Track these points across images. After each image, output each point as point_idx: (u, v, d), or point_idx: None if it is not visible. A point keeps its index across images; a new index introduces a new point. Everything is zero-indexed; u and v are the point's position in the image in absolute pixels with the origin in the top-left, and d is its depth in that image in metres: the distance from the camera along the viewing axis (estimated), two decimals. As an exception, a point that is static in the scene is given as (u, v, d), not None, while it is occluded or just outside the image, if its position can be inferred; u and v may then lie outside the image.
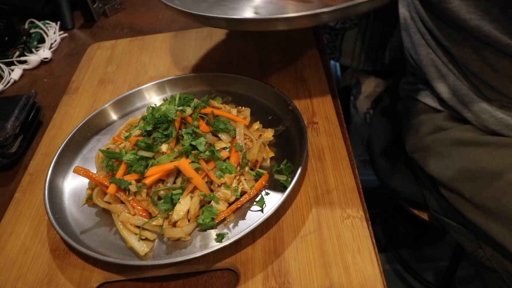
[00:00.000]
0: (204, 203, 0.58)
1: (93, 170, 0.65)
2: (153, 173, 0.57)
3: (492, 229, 0.65)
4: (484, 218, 0.67)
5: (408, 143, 0.82)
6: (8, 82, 0.97)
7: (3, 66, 0.99)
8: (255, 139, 0.63)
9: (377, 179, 1.02)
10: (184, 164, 0.56)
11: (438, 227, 0.86)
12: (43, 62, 1.02)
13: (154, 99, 0.78)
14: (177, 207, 0.55)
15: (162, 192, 0.57)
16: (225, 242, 0.51)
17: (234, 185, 0.58)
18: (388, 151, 0.99)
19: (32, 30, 1.08)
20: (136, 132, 0.63)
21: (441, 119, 0.76)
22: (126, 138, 0.63)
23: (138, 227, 0.56)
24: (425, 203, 0.86)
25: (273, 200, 0.58)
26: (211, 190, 0.58)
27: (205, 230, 0.56)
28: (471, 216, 0.69)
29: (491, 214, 0.65)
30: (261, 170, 0.61)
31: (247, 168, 0.60)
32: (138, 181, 0.58)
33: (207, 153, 0.58)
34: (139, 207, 0.58)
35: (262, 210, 0.57)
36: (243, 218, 0.57)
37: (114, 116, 0.76)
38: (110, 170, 0.60)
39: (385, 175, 0.97)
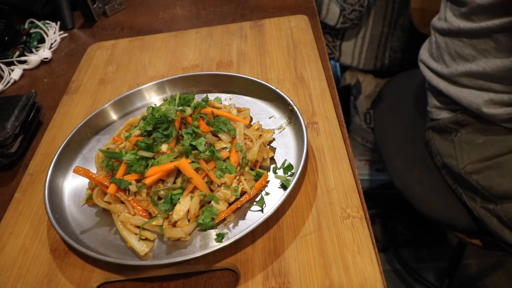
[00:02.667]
0: (204, 203, 0.58)
1: (93, 170, 0.65)
2: (153, 173, 0.57)
3: None
4: None
5: (467, 165, 0.79)
6: (8, 82, 0.97)
7: (3, 66, 0.99)
8: (255, 139, 0.63)
9: (415, 206, 0.95)
10: (184, 164, 0.56)
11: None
12: (43, 62, 1.02)
13: (154, 99, 0.78)
14: (177, 207, 0.55)
15: (162, 192, 0.57)
16: (225, 242, 0.51)
17: (234, 185, 0.58)
18: (415, 173, 0.95)
19: (32, 30, 1.08)
20: (136, 132, 0.63)
21: None
22: (126, 138, 0.63)
23: (138, 227, 0.56)
24: (479, 230, 0.82)
25: (273, 200, 0.58)
26: (211, 190, 0.58)
27: (205, 230, 0.56)
28: None
29: None
30: (261, 170, 0.61)
31: (247, 168, 0.60)
32: (138, 181, 0.58)
33: (207, 153, 0.58)
34: (139, 207, 0.57)
35: (262, 210, 0.57)
36: (243, 218, 0.57)
37: (114, 116, 0.76)
38: (110, 170, 0.60)
39: (424, 204, 0.92)
